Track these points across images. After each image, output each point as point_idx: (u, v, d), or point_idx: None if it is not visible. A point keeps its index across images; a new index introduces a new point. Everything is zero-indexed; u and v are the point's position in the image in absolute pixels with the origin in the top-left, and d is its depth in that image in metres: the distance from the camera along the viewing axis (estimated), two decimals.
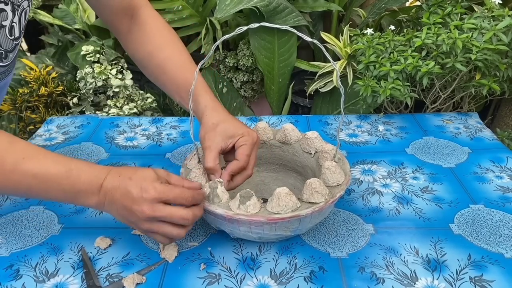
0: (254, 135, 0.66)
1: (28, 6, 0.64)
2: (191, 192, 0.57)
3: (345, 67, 1.17)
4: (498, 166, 0.83)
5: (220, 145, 0.64)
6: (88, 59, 1.34)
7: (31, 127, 1.34)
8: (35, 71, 1.34)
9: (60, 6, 1.58)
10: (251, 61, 1.36)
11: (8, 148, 0.55)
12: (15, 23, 0.62)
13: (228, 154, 0.68)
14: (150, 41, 0.74)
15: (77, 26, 1.55)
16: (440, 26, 0.96)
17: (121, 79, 1.29)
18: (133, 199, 0.54)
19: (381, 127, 0.99)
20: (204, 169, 0.64)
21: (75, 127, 1.03)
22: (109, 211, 0.58)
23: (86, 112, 1.30)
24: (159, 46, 0.74)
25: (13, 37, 0.63)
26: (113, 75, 1.28)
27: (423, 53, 0.95)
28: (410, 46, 0.97)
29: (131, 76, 1.32)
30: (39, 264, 0.62)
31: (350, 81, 1.16)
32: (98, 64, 1.31)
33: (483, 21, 0.90)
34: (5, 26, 0.60)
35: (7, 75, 0.69)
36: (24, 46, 2.08)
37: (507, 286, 0.57)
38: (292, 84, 1.36)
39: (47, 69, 1.37)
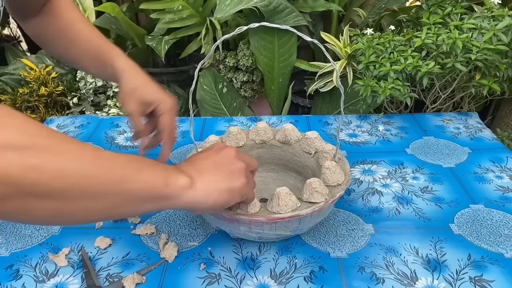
0: (170, 99, 0.68)
1: (2, 5, 0.64)
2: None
3: (345, 67, 1.17)
4: (498, 166, 0.83)
5: (140, 110, 0.68)
6: None
7: None
8: (35, 71, 1.35)
9: None
10: (251, 61, 1.36)
11: (81, 147, 0.42)
12: None
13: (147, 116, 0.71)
14: (61, 19, 0.74)
15: None
16: (440, 26, 0.96)
17: None
18: (220, 154, 0.53)
19: (381, 127, 0.99)
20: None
21: (75, 127, 1.03)
22: (203, 185, 0.48)
23: (86, 112, 1.30)
24: (70, 22, 0.74)
25: None
26: None
27: (423, 53, 0.95)
28: (410, 46, 0.98)
29: None
30: (39, 264, 0.62)
31: (350, 81, 1.16)
32: None
33: (483, 21, 0.90)
34: None
35: None
36: (24, 46, 2.08)
37: (507, 286, 0.57)
38: (292, 84, 1.36)
39: (47, 69, 1.37)
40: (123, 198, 0.43)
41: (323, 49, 0.55)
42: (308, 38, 0.54)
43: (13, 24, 1.98)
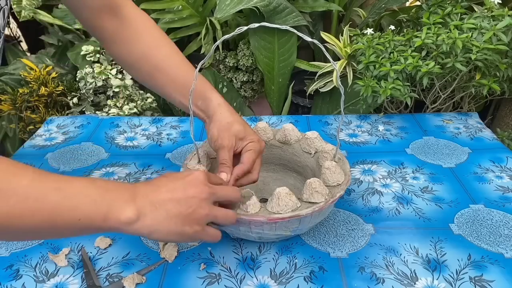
0: (263, 143, 0.67)
1: (6, 4, 0.63)
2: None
3: (345, 67, 1.17)
4: (498, 166, 0.83)
5: (233, 145, 0.64)
6: (88, 59, 1.34)
7: (31, 127, 1.34)
8: (35, 71, 1.34)
9: (60, 6, 1.58)
10: (251, 61, 1.36)
11: (19, 171, 0.43)
12: None
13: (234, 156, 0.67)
14: (144, 41, 0.70)
15: (77, 26, 1.54)
16: (440, 26, 0.96)
17: (121, 79, 1.29)
18: (184, 187, 0.49)
19: (381, 127, 0.99)
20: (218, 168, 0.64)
21: (75, 127, 1.03)
22: (152, 222, 0.47)
23: (86, 112, 1.30)
24: (154, 45, 0.70)
25: None
26: (113, 75, 1.28)
27: (423, 53, 0.95)
28: (410, 46, 0.97)
29: (131, 76, 1.32)
30: (39, 264, 0.62)
31: (350, 81, 1.16)
32: (98, 64, 1.31)
33: (483, 21, 0.90)
34: None
35: None
36: (24, 46, 2.08)
37: (507, 286, 0.57)
38: (292, 84, 1.36)
39: (47, 69, 1.37)
40: (56, 233, 0.46)
41: (323, 49, 0.55)
42: (308, 38, 0.54)
43: (13, 24, 1.98)
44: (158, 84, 0.71)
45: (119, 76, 1.29)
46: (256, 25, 0.54)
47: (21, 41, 2.07)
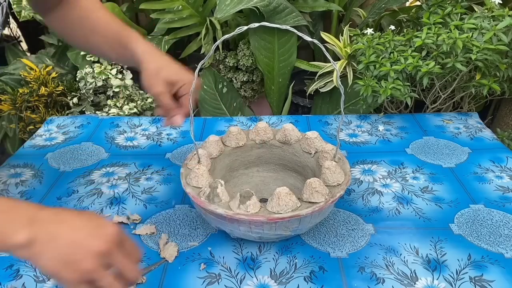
0: (196, 82, 0.67)
1: (5, 1, 0.65)
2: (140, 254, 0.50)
3: (345, 67, 1.17)
4: (498, 166, 0.83)
5: (166, 89, 0.66)
6: (88, 59, 1.34)
7: (31, 127, 1.34)
8: (35, 71, 1.34)
9: None
10: (251, 61, 1.36)
11: None
12: None
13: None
14: (81, 7, 0.74)
15: None
16: (440, 26, 0.96)
17: (121, 79, 1.29)
18: (87, 232, 0.45)
19: (381, 127, 0.99)
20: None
21: (75, 127, 1.03)
22: (38, 252, 0.43)
23: (86, 112, 1.30)
24: (89, 10, 0.74)
25: None
26: (113, 75, 1.28)
27: (423, 53, 0.95)
28: (410, 46, 0.97)
29: (131, 76, 1.32)
30: None
31: (350, 81, 1.16)
32: (98, 64, 1.31)
33: (483, 21, 0.90)
34: None
35: None
36: (24, 46, 2.08)
37: (507, 286, 0.57)
38: (292, 84, 1.36)
39: (47, 69, 1.37)
40: None
41: (323, 49, 0.55)
42: (308, 38, 0.54)
43: (13, 24, 1.98)
44: (93, 45, 0.76)
45: (119, 76, 1.29)
46: (256, 25, 0.54)
47: (21, 41, 2.07)
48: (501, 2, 0.95)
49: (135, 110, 1.27)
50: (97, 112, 1.28)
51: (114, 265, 0.46)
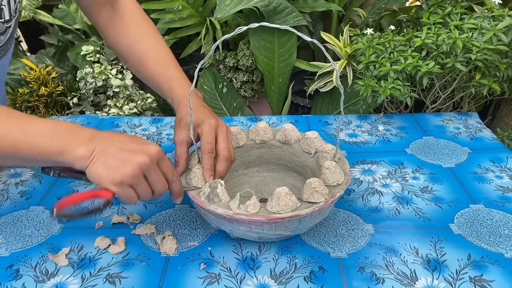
0: (212, 121, 0.66)
1: None
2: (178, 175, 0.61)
3: (345, 67, 1.17)
4: (498, 166, 0.83)
5: (185, 138, 0.66)
6: (88, 59, 1.34)
7: None
8: (35, 71, 1.35)
9: (60, 6, 1.58)
10: (251, 61, 1.36)
11: None
12: (4, 5, 0.65)
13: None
14: (130, 33, 0.75)
15: (77, 26, 1.55)
16: (440, 26, 0.96)
17: (121, 79, 1.29)
18: (133, 145, 0.55)
19: (381, 127, 0.99)
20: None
21: None
22: (92, 162, 0.54)
23: (86, 112, 1.30)
24: (139, 39, 0.75)
25: (2, 19, 0.65)
26: (113, 75, 1.28)
27: (423, 53, 0.95)
28: (410, 46, 0.98)
29: (131, 76, 1.32)
30: (39, 264, 0.62)
31: (350, 81, 1.16)
32: (98, 64, 1.31)
33: (483, 21, 0.90)
34: None
35: (0, 58, 0.71)
36: (24, 46, 2.08)
37: (507, 286, 0.57)
38: (292, 84, 1.36)
39: (47, 69, 1.37)
40: (20, 162, 0.59)
41: (323, 49, 0.55)
42: (308, 38, 0.54)
43: None
44: (142, 76, 0.77)
45: (119, 76, 1.29)
46: (256, 25, 0.54)
47: (21, 41, 2.07)
48: (501, 2, 0.95)
49: (135, 110, 1.27)
50: (97, 112, 1.28)
51: (149, 178, 0.56)
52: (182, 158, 0.66)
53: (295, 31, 0.55)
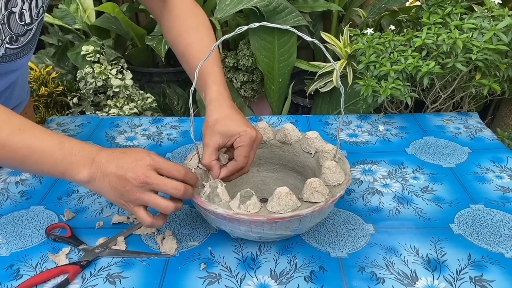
0: (253, 133, 0.64)
1: None
2: (185, 168, 0.59)
3: (345, 67, 1.17)
4: (498, 166, 0.83)
5: (218, 143, 0.64)
6: (88, 59, 1.34)
7: None
8: (35, 71, 1.35)
9: (60, 6, 1.58)
10: (251, 61, 1.36)
11: (6, 120, 0.57)
12: (25, 10, 0.68)
13: (228, 150, 0.68)
14: (175, 26, 0.76)
15: (77, 26, 1.55)
16: (440, 26, 0.96)
17: (121, 79, 1.29)
18: (127, 168, 0.56)
19: (381, 127, 0.99)
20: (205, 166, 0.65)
21: (75, 126, 1.03)
22: (99, 187, 0.57)
23: (86, 112, 1.30)
24: (181, 32, 0.76)
25: (23, 22, 0.69)
26: (113, 75, 1.28)
27: (423, 53, 0.95)
28: (410, 46, 0.98)
29: (131, 76, 1.32)
30: (39, 264, 0.62)
31: (350, 81, 1.16)
32: (98, 64, 1.31)
33: (483, 21, 0.90)
34: (15, 12, 0.66)
35: (21, 57, 0.74)
36: None
37: (507, 286, 0.57)
38: (292, 84, 1.36)
39: (47, 69, 1.37)
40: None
41: (323, 49, 0.55)
42: (308, 38, 0.54)
43: None
44: (186, 69, 0.78)
45: (119, 76, 1.29)
46: (256, 25, 0.54)
47: None
48: (501, 2, 0.95)
49: (135, 110, 1.27)
50: (97, 112, 1.28)
51: (155, 189, 0.56)
52: (215, 166, 0.64)
53: (295, 31, 0.55)
